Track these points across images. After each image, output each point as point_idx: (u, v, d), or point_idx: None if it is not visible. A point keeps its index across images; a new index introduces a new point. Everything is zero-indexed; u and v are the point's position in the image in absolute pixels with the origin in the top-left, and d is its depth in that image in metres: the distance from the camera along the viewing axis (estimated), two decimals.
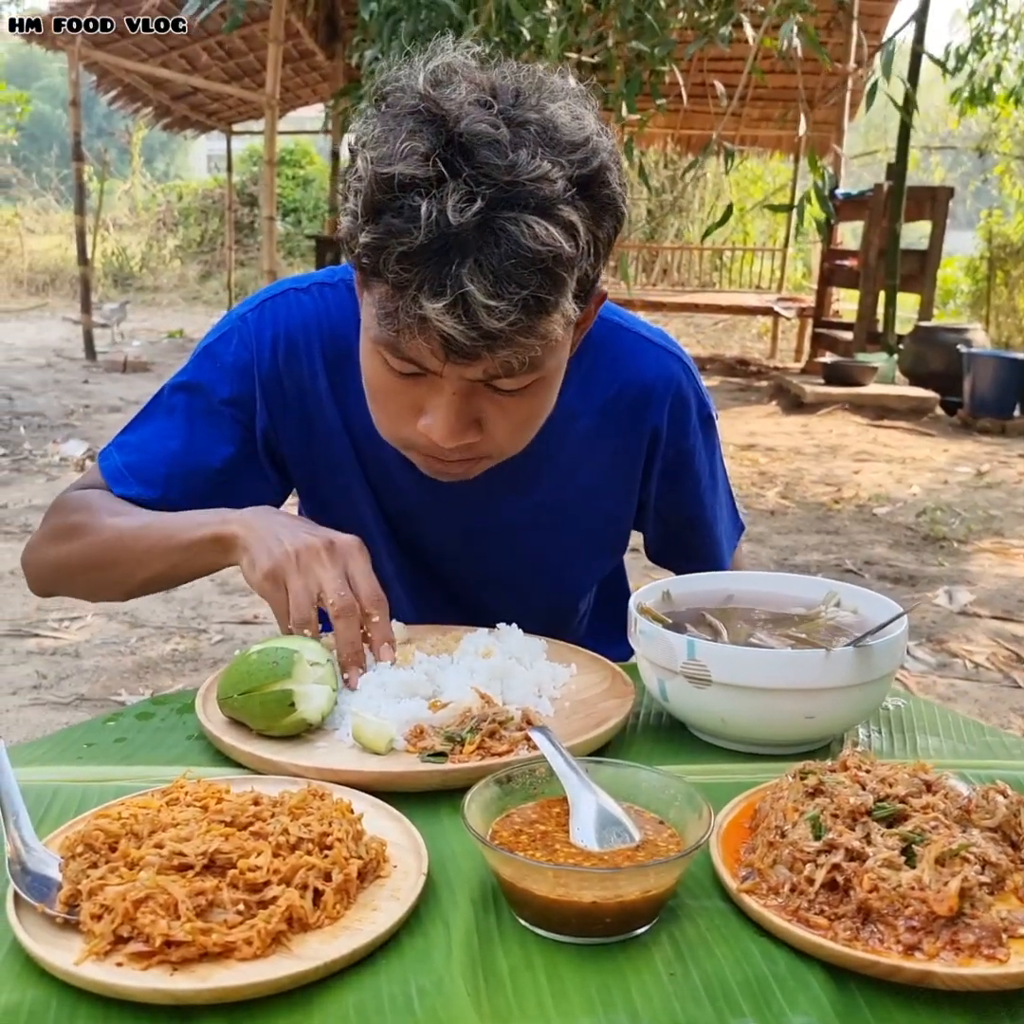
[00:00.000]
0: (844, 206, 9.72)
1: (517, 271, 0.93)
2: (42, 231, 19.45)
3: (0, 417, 7.20)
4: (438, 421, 1.06)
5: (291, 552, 1.11)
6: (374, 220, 0.95)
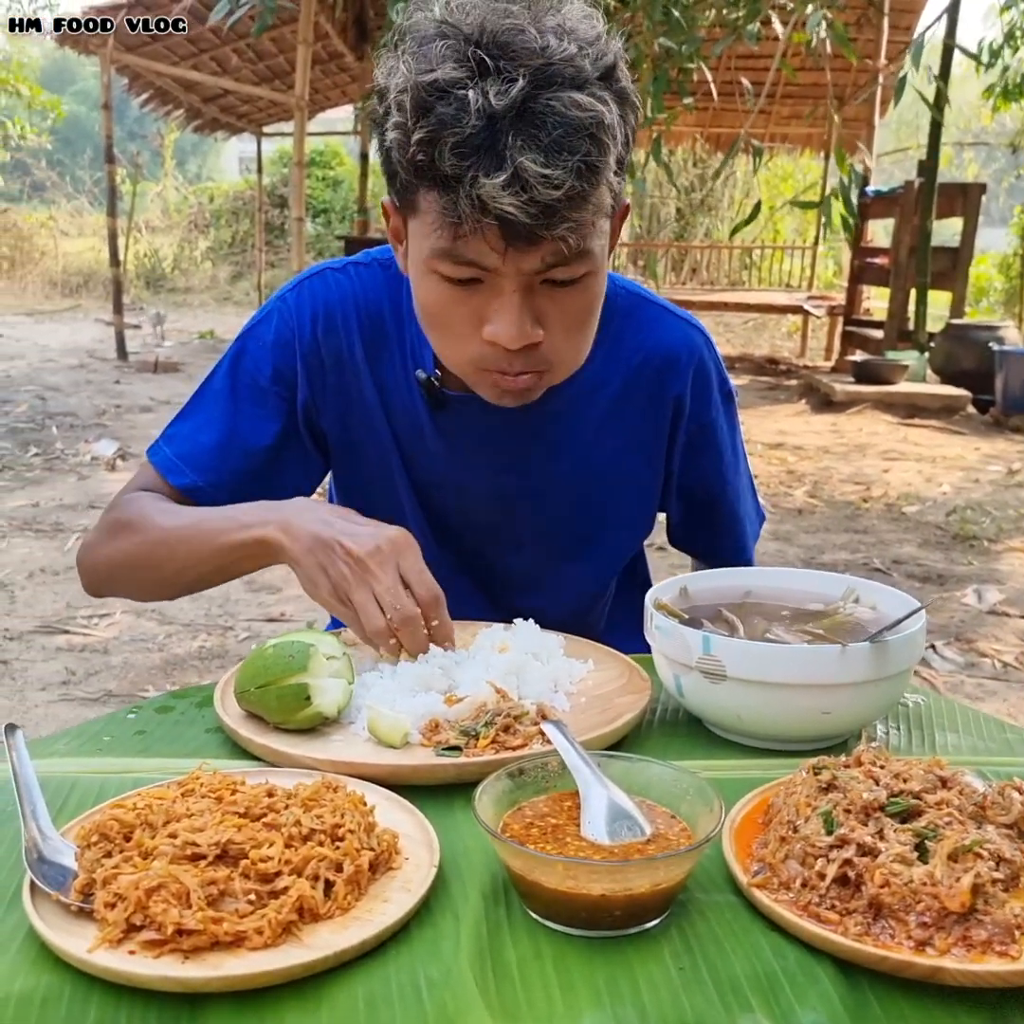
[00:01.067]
0: (875, 203, 9.65)
1: (566, 139, 0.99)
2: (76, 233, 19.66)
3: (33, 417, 7.29)
4: (503, 321, 1.08)
5: (344, 570, 1.12)
6: (424, 116, 1.00)
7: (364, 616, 1.11)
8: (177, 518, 1.27)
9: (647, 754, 1.04)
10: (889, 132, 17.93)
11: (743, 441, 1.50)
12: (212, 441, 1.33)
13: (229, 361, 1.36)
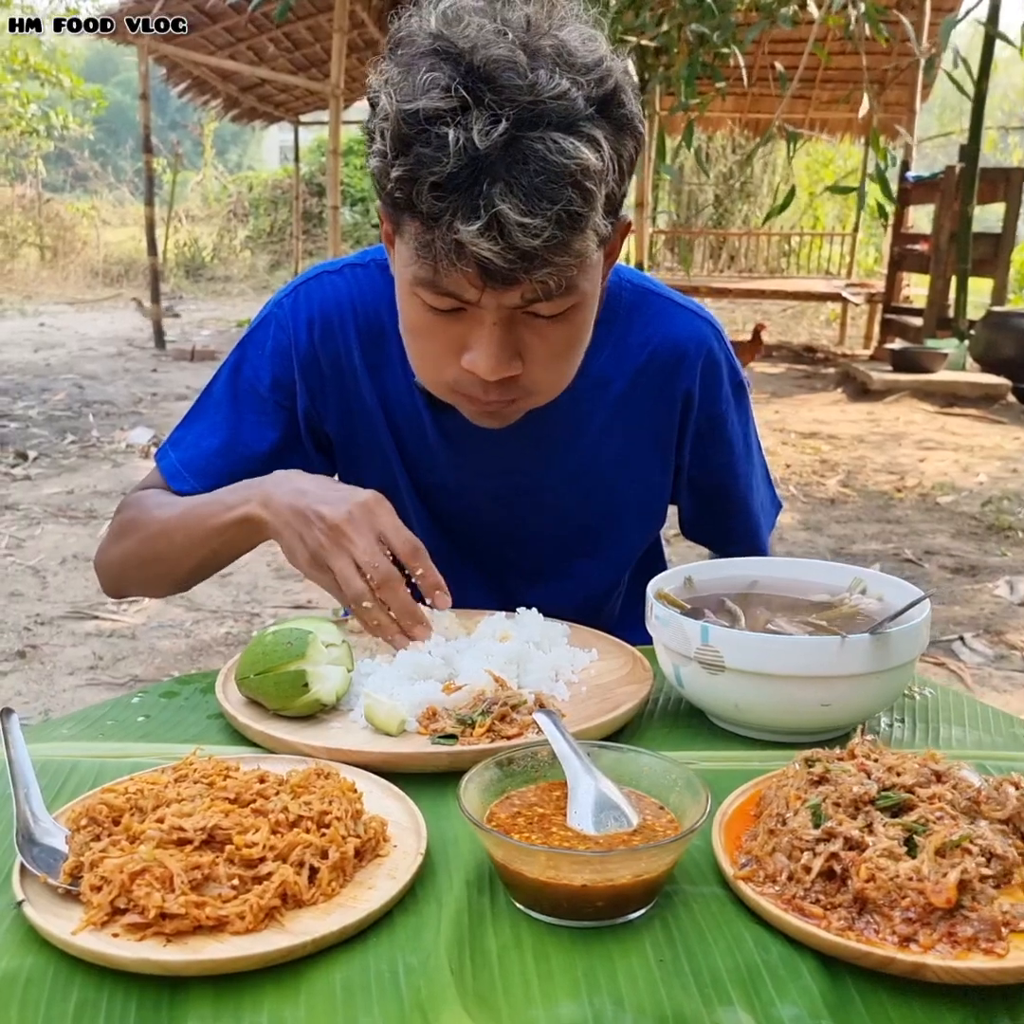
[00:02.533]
0: (915, 189, 9.52)
1: (547, 187, 0.94)
2: (118, 223, 19.86)
3: (71, 405, 7.39)
4: (481, 353, 1.07)
5: (320, 537, 1.13)
6: (404, 153, 0.96)
7: (343, 581, 1.12)
8: (172, 508, 1.29)
9: (647, 744, 1.03)
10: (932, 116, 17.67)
11: (756, 431, 1.49)
12: (214, 448, 1.34)
13: (230, 369, 1.37)
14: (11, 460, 5.78)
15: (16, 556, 4.20)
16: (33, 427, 6.65)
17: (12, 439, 6.28)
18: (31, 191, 18.96)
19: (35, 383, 8.29)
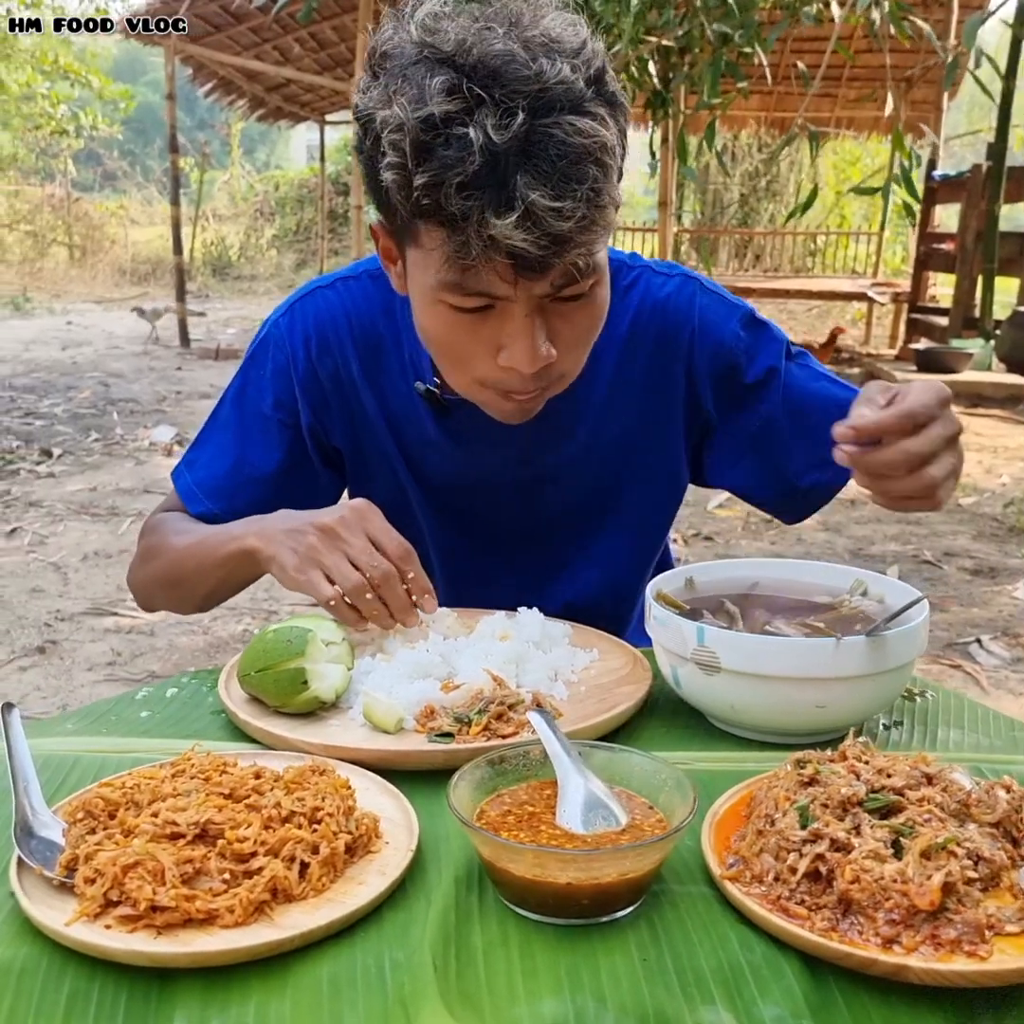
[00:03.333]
0: (942, 188, 9.45)
1: (572, 169, 0.97)
2: (146, 222, 20.00)
3: (95, 403, 7.45)
4: (519, 347, 1.07)
5: (312, 540, 1.15)
6: (426, 159, 0.97)
7: (338, 575, 1.13)
8: (187, 537, 1.33)
9: (644, 744, 1.04)
10: (961, 114, 17.53)
11: (802, 351, 1.40)
12: (224, 470, 1.37)
13: (235, 391, 1.40)
14: (36, 457, 5.84)
15: (38, 553, 4.25)
16: (58, 425, 6.72)
17: (37, 437, 6.35)
18: (60, 191, 19.14)
19: (61, 381, 8.37)
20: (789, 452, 1.36)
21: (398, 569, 1.14)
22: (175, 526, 1.37)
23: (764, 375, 1.34)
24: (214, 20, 10.17)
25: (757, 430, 1.36)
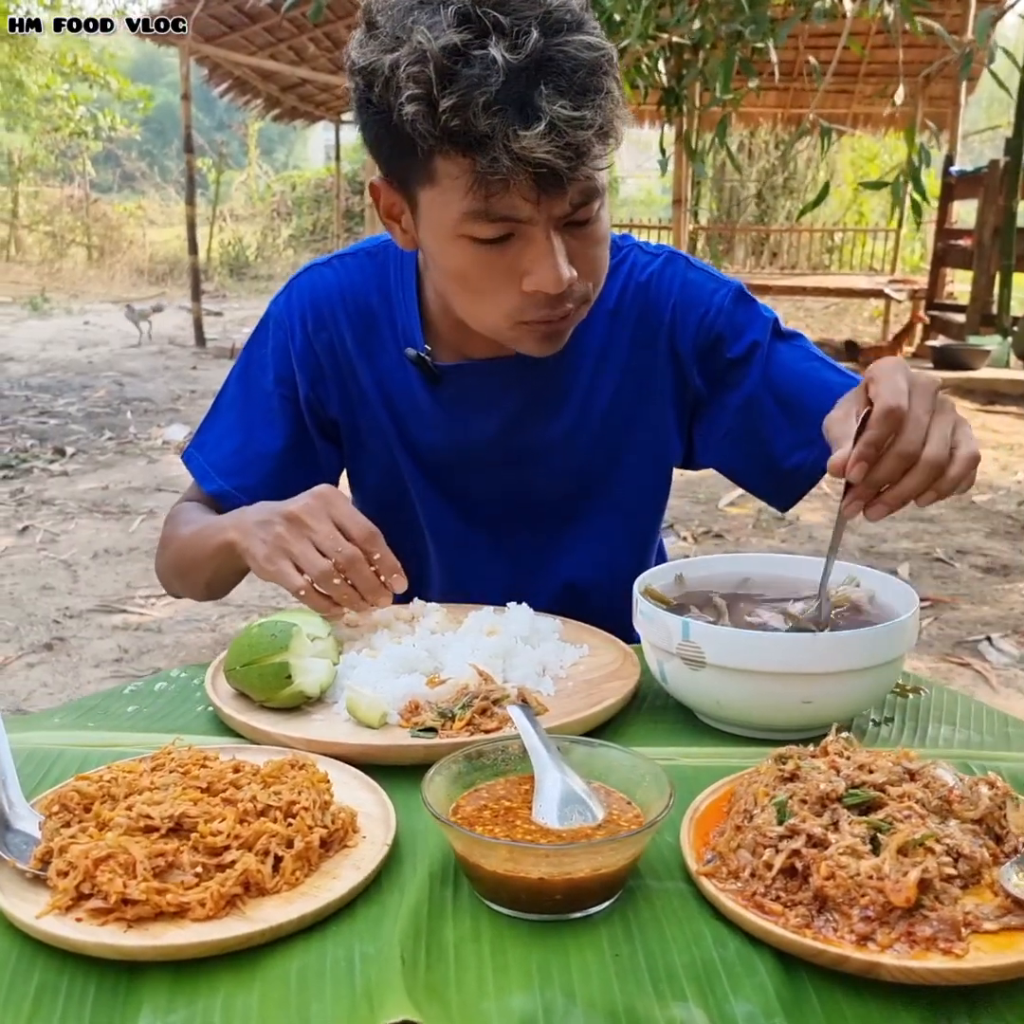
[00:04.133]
0: (960, 184, 9.37)
1: (589, 80, 1.03)
2: (164, 223, 20.11)
3: (110, 402, 7.49)
4: (543, 269, 1.10)
5: (279, 530, 1.17)
6: (452, 81, 1.00)
7: (306, 562, 1.14)
8: (190, 527, 1.36)
9: (631, 739, 1.03)
10: (980, 110, 17.41)
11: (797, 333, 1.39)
12: (233, 448, 1.41)
13: (239, 370, 1.44)
14: (49, 456, 5.88)
15: (49, 550, 4.27)
16: (72, 424, 6.76)
17: (52, 435, 6.39)
18: (79, 192, 19.26)
19: (77, 380, 8.42)
20: (773, 431, 1.35)
21: (364, 551, 1.15)
22: (186, 516, 1.40)
23: (747, 350, 1.34)
24: (229, 20, 10.19)
25: (741, 406, 1.35)
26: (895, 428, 0.96)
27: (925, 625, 3.50)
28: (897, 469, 0.96)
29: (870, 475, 0.97)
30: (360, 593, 1.15)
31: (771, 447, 1.36)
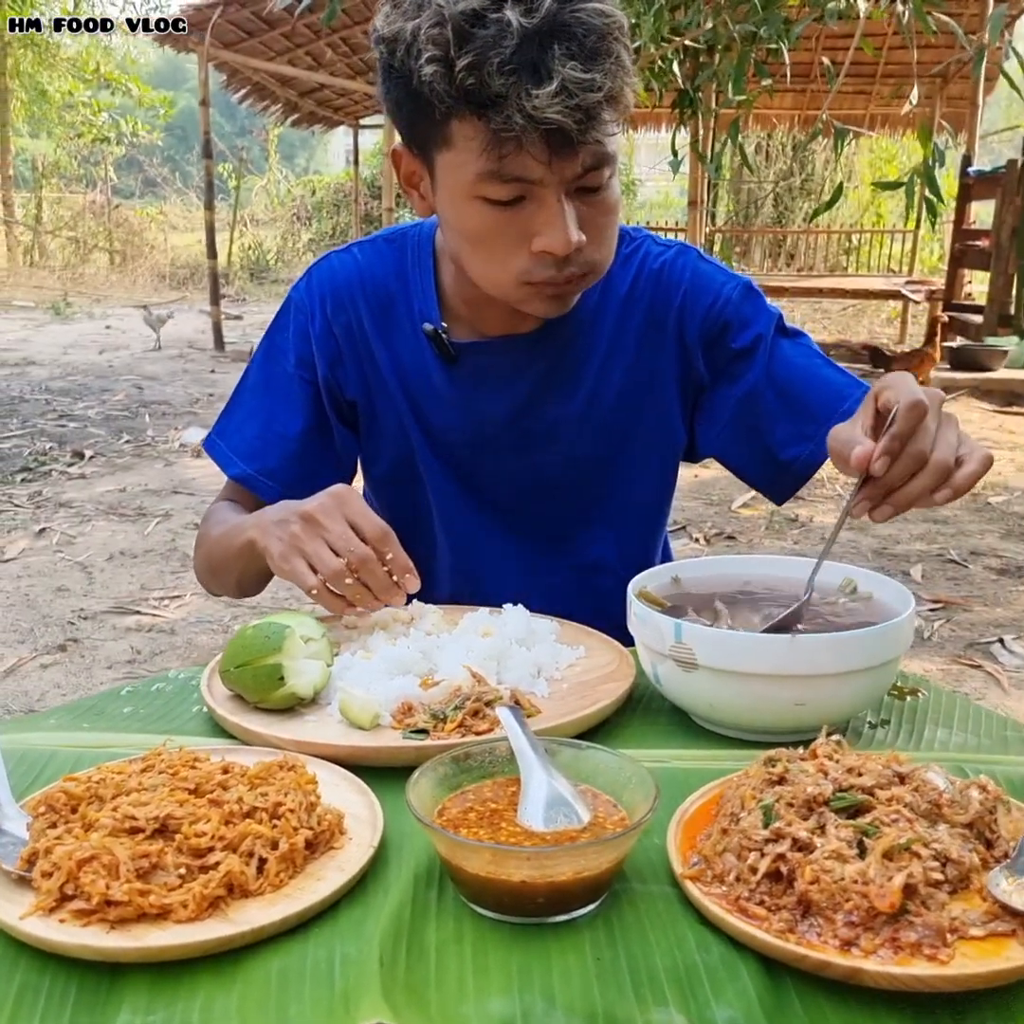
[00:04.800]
0: (977, 184, 9.30)
1: (599, 44, 1.06)
2: (185, 228, 20.21)
3: (128, 405, 7.53)
4: (554, 228, 1.13)
5: (294, 529, 1.18)
6: (469, 41, 1.05)
7: (317, 561, 1.16)
8: (219, 527, 1.39)
9: (624, 741, 1.03)
10: (999, 110, 17.28)
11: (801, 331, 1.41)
12: (255, 432, 1.43)
13: (261, 355, 1.47)
14: (68, 459, 5.91)
15: (66, 552, 4.30)
16: (91, 427, 6.80)
17: (71, 438, 6.43)
18: (102, 197, 19.38)
19: (97, 384, 8.47)
20: (772, 424, 1.38)
21: (377, 551, 1.16)
22: (218, 516, 1.43)
23: (751, 342, 1.37)
24: (247, 26, 10.25)
25: (741, 397, 1.38)
26: (920, 422, 1.00)
27: (937, 627, 3.48)
28: (907, 471, 1.00)
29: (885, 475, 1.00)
30: (373, 592, 1.16)
31: (769, 439, 1.38)
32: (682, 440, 1.45)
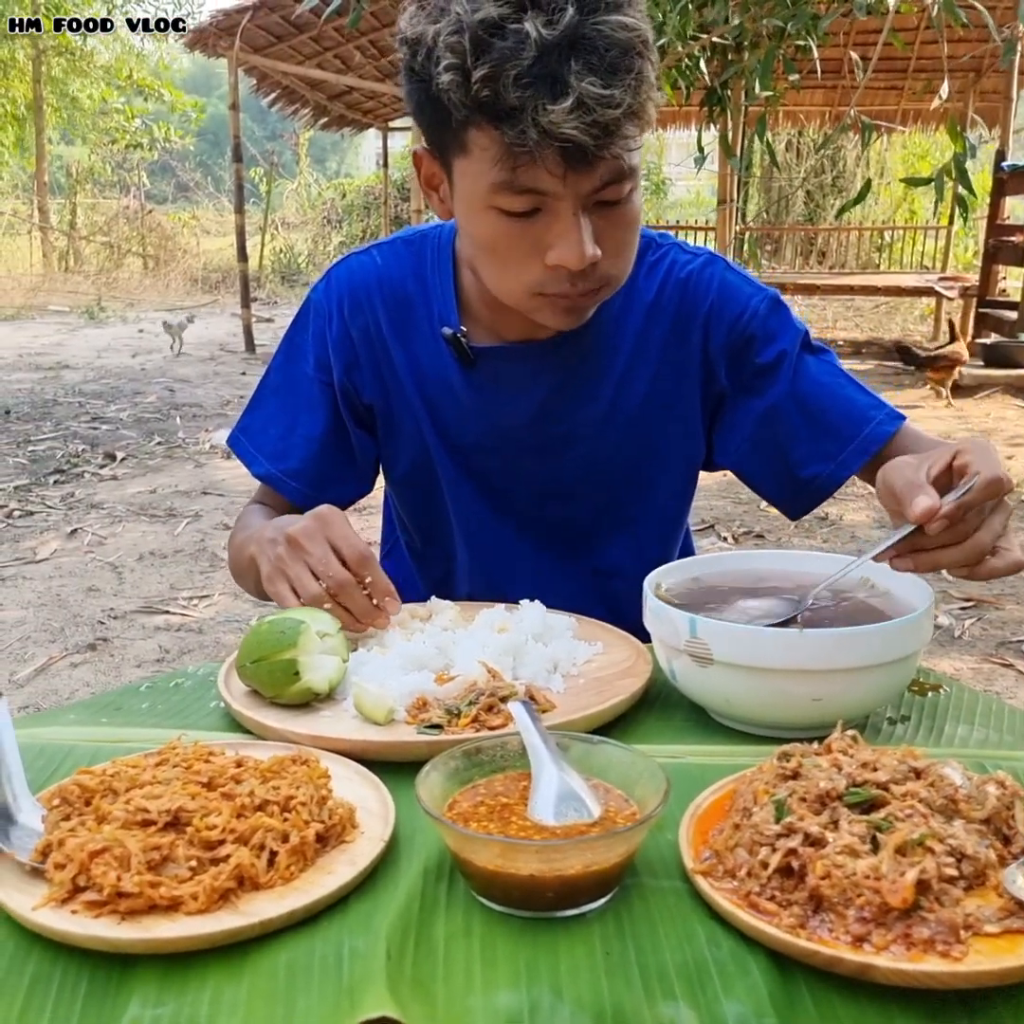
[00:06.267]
0: (1011, 179, 9.20)
1: (620, 59, 1.04)
2: (217, 232, 20.36)
3: (160, 408, 7.60)
4: (568, 243, 1.11)
5: (280, 551, 1.19)
6: (485, 52, 1.03)
7: (299, 586, 1.15)
8: (242, 533, 1.40)
9: (640, 736, 1.03)
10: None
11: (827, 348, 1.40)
12: (279, 433, 1.44)
13: (282, 355, 1.47)
14: (100, 461, 5.97)
15: (96, 553, 4.34)
16: (123, 429, 6.87)
17: (103, 440, 6.50)
18: (135, 202, 19.57)
19: (129, 387, 8.55)
20: (793, 441, 1.36)
21: (356, 574, 1.15)
22: (245, 520, 1.44)
23: (776, 358, 1.35)
24: (276, 30, 10.30)
25: (763, 413, 1.36)
26: (990, 500, 0.99)
27: (968, 625, 3.44)
28: (950, 540, 0.99)
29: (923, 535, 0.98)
30: (355, 616, 1.16)
31: (790, 456, 1.37)
32: (702, 450, 1.43)
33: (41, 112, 17.85)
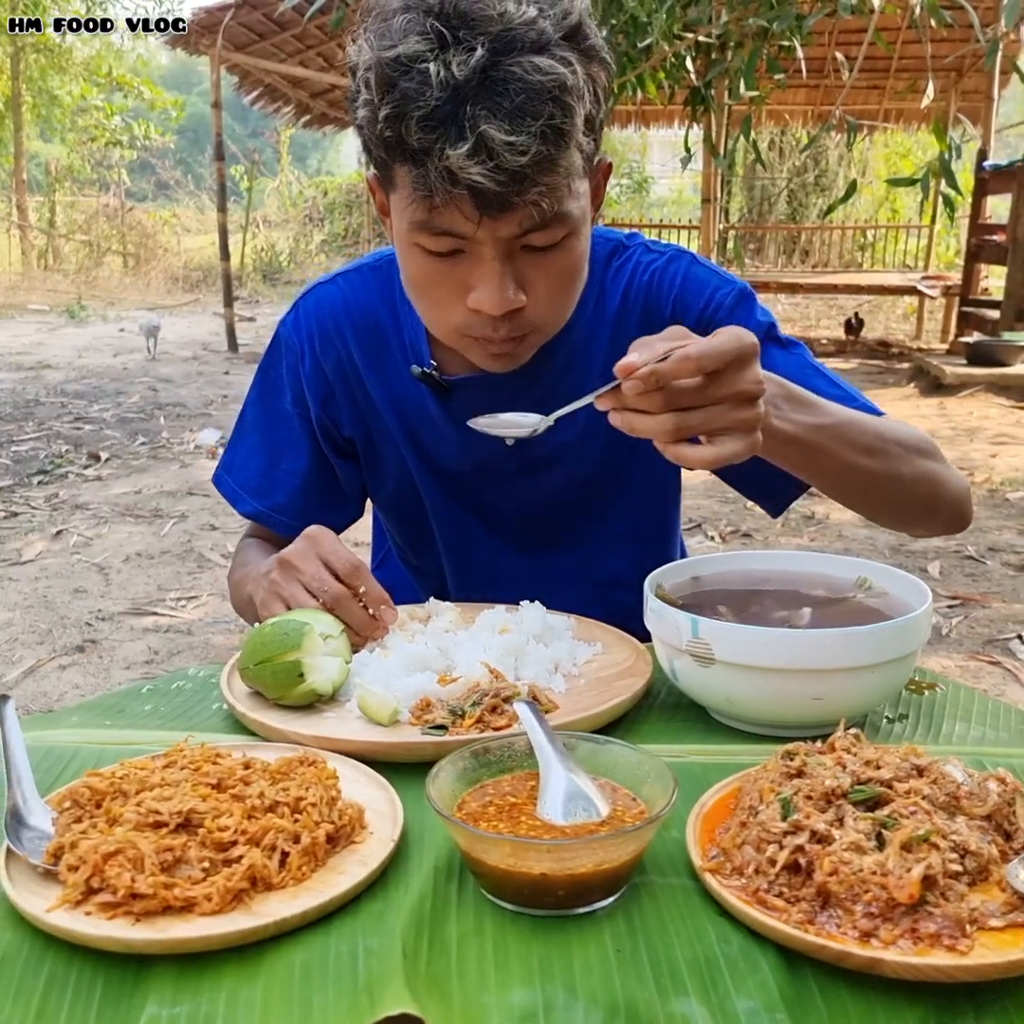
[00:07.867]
0: (993, 178, 9.27)
1: (529, 104, 0.98)
2: (198, 230, 20.28)
3: (143, 408, 7.57)
4: (485, 289, 1.09)
5: (273, 575, 1.19)
6: (389, 92, 1.00)
7: (295, 605, 1.16)
8: (239, 571, 1.41)
9: (641, 736, 1.03)
10: (1016, 104, 17.20)
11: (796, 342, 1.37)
12: (261, 469, 1.43)
13: (257, 390, 1.45)
14: (84, 461, 5.95)
15: (83, 554, 4.32)
16: (107, 429, 6.83)
17: (86, 441, 6.47)
18: (115, 200, 19.46)
19: (111, 386, 8.51)
20: None
21: (350, 586, 1.16)
22: (241, 557, 1.44)
23: None
24: (258, 28, 10.27)
25: None
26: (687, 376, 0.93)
27: (955, 623, 3.47)
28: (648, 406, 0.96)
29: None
30: (353, 629, 1.16)
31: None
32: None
33: (19, 109, 17.74)
